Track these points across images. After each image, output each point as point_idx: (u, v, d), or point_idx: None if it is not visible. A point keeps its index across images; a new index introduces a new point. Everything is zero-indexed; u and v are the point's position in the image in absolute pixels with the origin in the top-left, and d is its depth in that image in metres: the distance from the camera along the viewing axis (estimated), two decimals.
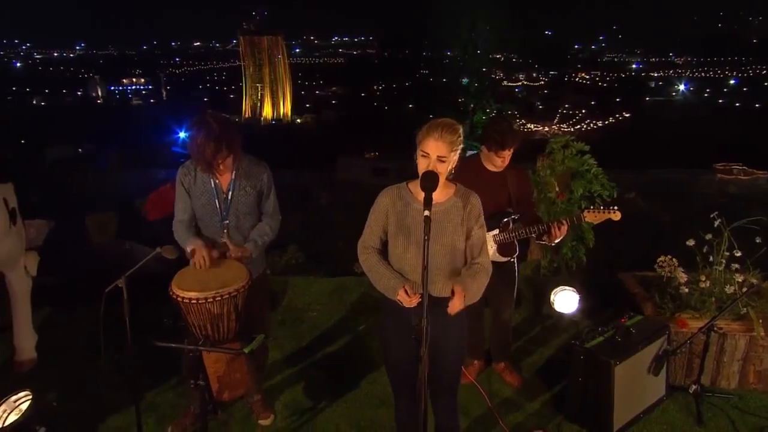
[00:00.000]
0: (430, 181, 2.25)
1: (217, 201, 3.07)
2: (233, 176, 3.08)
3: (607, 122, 67.24)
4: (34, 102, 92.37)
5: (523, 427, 3.36)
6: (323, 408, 3.57)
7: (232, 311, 2.79)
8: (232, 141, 2.91)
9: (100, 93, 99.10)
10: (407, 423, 2.73)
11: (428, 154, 2.32)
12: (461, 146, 2.37)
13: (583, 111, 70.94)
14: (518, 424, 3.40)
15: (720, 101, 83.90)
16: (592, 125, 65.70)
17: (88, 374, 3.85)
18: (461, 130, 2.36)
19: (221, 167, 2.96)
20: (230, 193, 3.08)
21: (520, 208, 3.50)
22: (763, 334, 3.52)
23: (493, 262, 3.54)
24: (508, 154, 3.39)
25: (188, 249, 3.02)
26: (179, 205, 3.13)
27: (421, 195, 2.24)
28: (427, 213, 2.12)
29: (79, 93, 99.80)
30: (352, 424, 3.42)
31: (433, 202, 2.35)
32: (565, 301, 4.41)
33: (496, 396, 3.68)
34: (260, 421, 3.41)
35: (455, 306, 2.36)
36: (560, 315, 4.47)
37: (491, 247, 3.48)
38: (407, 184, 2.52)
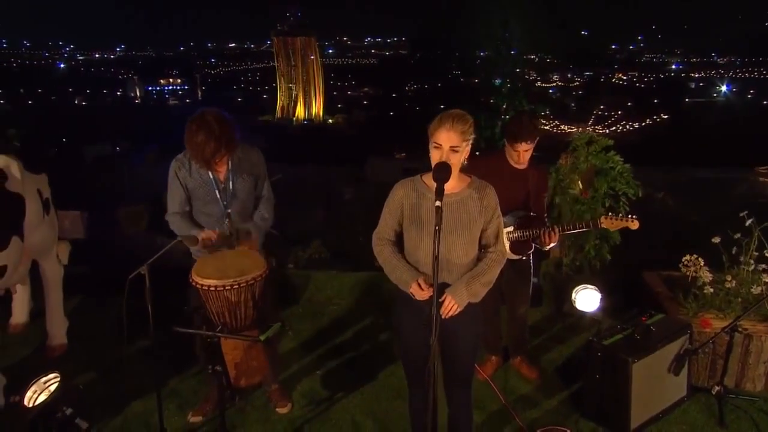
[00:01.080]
0: (443, 171, 2.27)
1: (217, 191, 3.12)
2: (230, 166, 3.12)
3: (644, 124, 65.77)
4: (76, 102, 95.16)
5: (539, 424, 3.34)
6: (339, 398, 3.62)
7: (250, 299, 2.85)
8: (231, 139, 2.95)
9: (138, 93, 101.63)
10: (420, 413, 2.76)
11: (441, 144, 2.35)
12: (472, 137, 2.39)
13: (620, 112, 69.57)
14: (534, 421, 3.39)
15: (765, 102, 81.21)
16: (628, 127, 64.37)
17: (116, 360, 3.99)
18: (471, 121, 2.38)
19: (219, 162, 3.01)
20: (230, 183, 3.14)
21: (532, 207, 3.49)
22: None
23: (508, 260, 3.57)
24: (524, 149, 3.36)
25: (197, 235, 3.03)
26: (175, 198, 3.15)
27: (434, 185, 2.26)
28: (438, 203, 2.14)
29: (118, 93, 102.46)
30: (367, 414, 3.46)
31: (448, 193, 2.39)
32: (587, 299, 4.33)
33: (513, 392, 3.68)
34: (277, 409, 3.48)
35: (444, 310, 2.40)
36: (581, 314, 4.41)
37: (505, 243, 3.48)
38: (421, 176, 2.55)
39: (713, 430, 3.27)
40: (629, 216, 3.35)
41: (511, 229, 3.48)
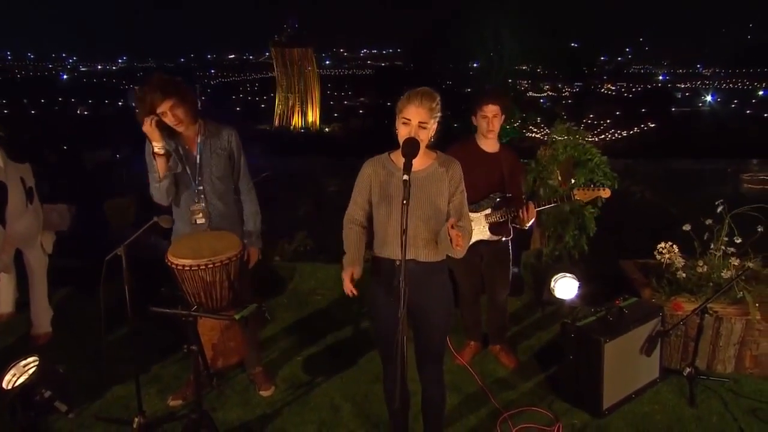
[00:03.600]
0: (411, 147, 2.26)
1: (187, 167, 3.05)
2: (199, 139, 3.05)
3: (632, 132, 66.04)
4: (78, 111, 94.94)
5: (515, 405, 3.31)
6: (320, 382, 3.59)
7: (225, 279, 2.83)
8: (177, 88, 2.90)
9: None
10: (393, 390, 2.72)
11: (410, 120, 2.33)
12: (439, 114, 2.38)
13: (608, 121, 69.81)
14: (511, 402, 3.36)
15: (748, 111, 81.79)
16: (617, 134, 64.64)
17: (99, 347, 3.94)
18: (439, 98, 2.37)
19: (172, 118, 2.92)
20: (198, 156, 3.05)
21: (508, 188, 3.49)
22: (759, 317, 3.42)
23: (487, 242, 3.56)
24: (492, 113, 3.37)
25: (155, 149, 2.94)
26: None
27: (402, 162, 2.24)
28: (405, 177, 2.13)
29: (119, 103, 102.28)
30: (346, 397, 3.42)
31: (415, 170, 2.38)
32: (565, 287, 4.35)
33: (491, 376, 3.65)
34: (261, 392, 3.44)
35: (460, 242, 2.26)
36: (560, 301, 4.40)
37: (483, 226, 3.47)
38: (389, 154, 2.54)
39: (684, 409, 3.24)
40: (600, 186, 3.39)
41: (489, 211, 3.47)
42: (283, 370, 3.72)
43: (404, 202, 2.09)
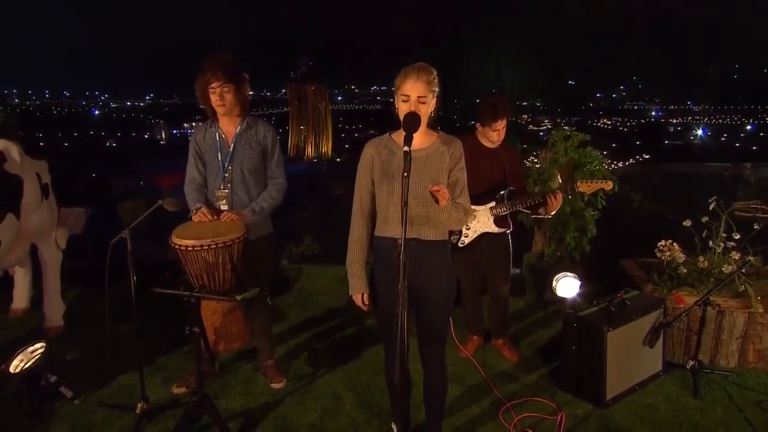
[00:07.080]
0: (412, 121, 2.13)
1: (219, 154, 2.97)
2: (237, 130, 3.00)
3: (627, 163, 66.00)
4: (107, 144, 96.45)
5: (517, 396, 3.12)
6: (323, 374, 3.42)
7: (228, 262, 2.70)
8: (240, 78, 2.90)
9: (163, 135, 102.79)
10: (395, 378, 2.55)
11: (408, 96, 2.23)
12: (437, 89, 2.27)
13: (605, 152, 69.89)
14: (513, 394, 3.17)
15: (737, 144, 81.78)
16: (613, 165, 64.62)
17: (107, 339, 3.81)
18: (435, 72, 2.27)
19: (219, 99, 2.89)
20: (232, 146, 2.98)
21: (512, 182, 3.37)
22: (761, 310, 3.23)
23: (490, 236, 3.42)
24: (501, 126, 3.28)
25: (193, 208, 2.97)
26: (191, 164, 3.06)
27: (403, 139, 2.12)
28: (406, 149, 2.01)
29: (146, 136, 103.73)
30: (348, 388, 3.25)
31: (416, 148, 2.26)
32: (567, 286, 4.16)
33: (494, 369, 3.47)
34: (273, 385, 3.26)
35: (444, 195, 2.11)
36: (562, 300, 4.22)
37: (489, 218, 3.34)
38: (390, 134, 2.43)
39: (689, 401, 3.04)
40: (603, 178, 3.27)
41: (493, 204, 3.35)
42: (287, 363, 3.56)
43: (405, 174, 1.96)
